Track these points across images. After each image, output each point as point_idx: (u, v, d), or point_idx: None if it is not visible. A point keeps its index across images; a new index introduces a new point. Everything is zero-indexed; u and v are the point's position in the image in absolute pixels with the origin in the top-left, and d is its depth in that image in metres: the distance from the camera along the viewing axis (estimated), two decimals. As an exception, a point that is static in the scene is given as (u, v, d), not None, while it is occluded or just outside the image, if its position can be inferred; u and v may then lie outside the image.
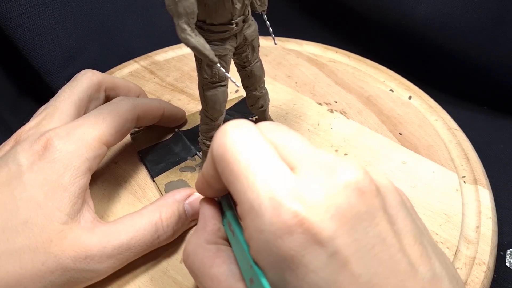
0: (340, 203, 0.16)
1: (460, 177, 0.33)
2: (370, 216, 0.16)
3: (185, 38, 0.22)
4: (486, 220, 0.30)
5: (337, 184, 0.16)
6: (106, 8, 0.47)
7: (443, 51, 0.44)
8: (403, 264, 0.16)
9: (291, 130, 0.20)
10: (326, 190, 0.16)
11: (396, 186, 0.19)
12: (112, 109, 0.28)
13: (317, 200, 0.16)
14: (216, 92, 0.27)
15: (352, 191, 0.16)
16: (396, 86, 0.41)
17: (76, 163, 0.25)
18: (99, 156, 0.26)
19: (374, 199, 0.17)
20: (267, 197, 0.16)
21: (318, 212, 0.16)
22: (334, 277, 0.15)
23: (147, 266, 0.27)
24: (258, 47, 0.29)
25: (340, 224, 0.16)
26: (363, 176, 0.17)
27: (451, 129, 0.36)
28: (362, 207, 0.16)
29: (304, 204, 0.16)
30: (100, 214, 0.30)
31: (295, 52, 0.45)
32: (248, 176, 0.17)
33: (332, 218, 0.16)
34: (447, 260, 0.19)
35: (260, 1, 0.27)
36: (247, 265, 0.18)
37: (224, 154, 0.18)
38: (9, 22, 0.40)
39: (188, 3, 0.21)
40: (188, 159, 0.34)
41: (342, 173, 0.17)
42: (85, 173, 0.25)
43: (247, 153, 0.17)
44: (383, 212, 0.17)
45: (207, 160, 0.20)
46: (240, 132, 0.18)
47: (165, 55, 0.45)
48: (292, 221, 0.16)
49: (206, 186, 0.21)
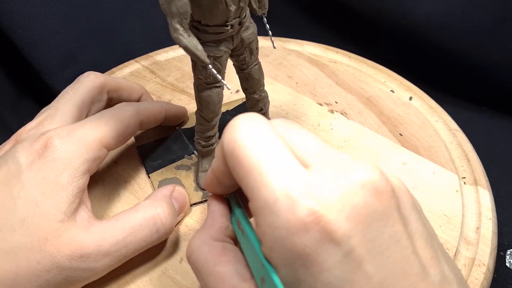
0: (356, 202, 0.16)
1: (460, 178, 0.33)
2: (386, 217, 0.16)
3: (177, 38, 0.22)
4: (486, 221, 0.30)
5: (354, 183, 0.16)
6: (106, 8, 0.47)
7: (443, 51, 0.43)
8: (416, 266, 0.16)
9: (304, 128, 0.19)
10: (342, 189, 0.16)
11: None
12: (115, 114, 0.28)
13: (333, 198, 0.16)
14: (210, 93, 0.27)
15: (368, 191, 0.16)
16: (396, 86, 0.41)
17: (76, 163, 0.25)
18: (99, 158, 0.26)
19: (390, 199, 0.17)
20: (282, 193, 0.16)
21: (334, 210, 0.16)
22: (348, 276, 0.15)
23: (146, 266, 0.27)
24: (257, 50, 0.29)
25: (356, 223, 0.16)
26: (379, 177, 0.17)
27: (451, 130, 0.36)
28: (378, 207, 0.16)
29: (320, 202, 0.16)
30: (100, 214, 0.30)
31: (296, 52, 0.45)
32: (262, 171, 0.16)
33: (348, 217, 0.16)
34: (454, 264, 0.19)
35: (260, 4, 0.27)
36: (258, 264, 0.18)
37: (236, 148, 0.17)
38: (9, 23, 0.40)
39: (181, 3, 0.21)
40: (185, 158, 0.34)
41: (358, 172, 0.16)
42: (84, 174, 0.25)
43: (259, 147, 0.17)
44: (398, 213, 0.17)
45: (217, 156, 0.20)
46: (251, 126, 0.18)
47: (166, 55, 0.45)
48: (308, 218, 0.15)
49: (215, 182, 0.21)
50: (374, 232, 0.16)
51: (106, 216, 0.30)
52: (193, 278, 0.26)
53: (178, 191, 0.29)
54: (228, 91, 0.40)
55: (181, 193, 0.29)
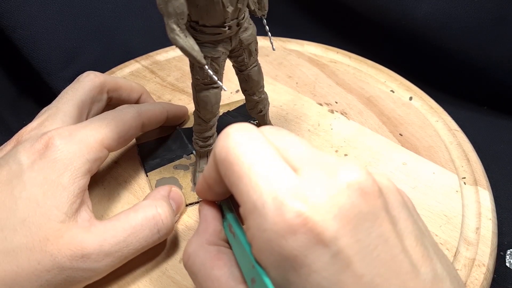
0: (343, 203, 0.16)
1: (460, 178, 0.33)
2: (373, 217, 0.16)
3: (173, 38, 0.22)
4: (486, 221, 0.30)
5: (340, 184, 0.16)
6: (106, 8, 0.47)
7: (443, 51, 0.43)
8: (405, 265, 0.16)
9: (292, 134, 0.20)
10: (329, 190, 0.16)
11: (397, 187, 0.19)
12: (116, 116, 0.28)
13: (320, 200, 0.16)
14: (208, 94, 0.27)
15: (354, 192, 0.16)
16: (397, 87, 0.41)
17: (77, 163, 0.25)
18: (100, 159, 0.27)
19: (377, 199, 0.17)
20: (270, 196, 0.16)
21: (321, 212, 0.16)
22: (337, 277, 0.16)
23: (147, 267, 0.27)
24: (256, 52, 0.29)
25: (343, 224, 0.16)
26: (365, 177, 0.17)
27: (451, 130, 0.36)
28: (364, 207, 0.16)
29: (307, 204, 0.16)
30: (100, 214, 0.30)
31: (296, 52, 0.45)
32: (251, 176, 0.17)
33: (335, 218, 0.16)
34: (448, 261, 0.19)
35: (260, 5, 0.27)
36: (249, 265, 0.18)
37: (227, 155, 0.18)
38: (9, 22, 0.40)
39: (178, 3, 0.21)
40: (183, 157, 0.34)
41: (344, 173, 0.17)
42: (85, 174, 0.25)
43: (250, 154, 0.17)
44: (386, 213, 0.17)
45: (209, 163, 0.20)
46: (242, 135, 0.18)
47: (166, 55, 0.45)
48: (295, 220, 0.16)
49: (207, 189, 0.22)
50: (362, 232, 0.16)
51: (106, 216, 0.30)
52: (193, 278, 0.27)
53: (175, 191, 0.29)
54: (228, 92, 0.40)
55: (177, 193, 0.30)
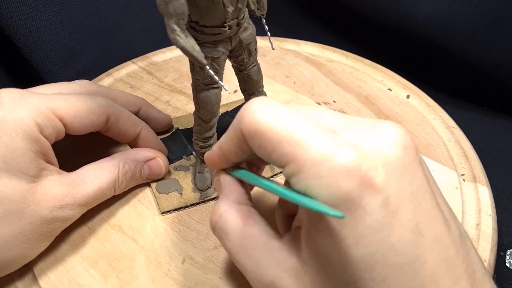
0: (389, 154, 0.17)
1: (459, 175, 0.32)
2: (413, 169, 0.18)
3: (174, 39, 0.22)
4: (486, 217, 0.30)
5: (384, 138, 0.18)
6: (106, 8, 0.47)
7: (443, 51, 0.43)
8: (440, 218, 0.18)
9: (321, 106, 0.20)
10: (375, 143, 0.17)
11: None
12: (82, 96, 0.27)
13: (369, 149, 0.17)
14: (208, 94, 0.27)
15: (397, 146, 0.18)
16: (394, 85, 0.41)
17: (26, 125, 0.24)
18: (53, 127, 0.26)
19: (415, 155, 0.18)
20: (322, 146, 0.17)
21: (372, 159, 0.17)
22: (388, 220, 0.17)
23: (149, 267, 0.27)
24: (256, 51, 0.29)
25: (389, 172, 0.17)
26: (405, 134, 0.18)
27: (449, 127, 0.36)
28: (406, 160, 0.17)
29: (359, 151, 0.17)
30: (101, 214, 0.30)
31: (293, 52, 0.45)
32: (292, 137, 0.17)
33: (384, 166, 0.17)
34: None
35: (259, 5, 0.27)
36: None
37: (258, 128, 0.18)
38: (9, 22, 0.40)
39: (179, 3, 0.21)
40: (183, 158, 0.34)
41: (387, 129, 0.18)
42: (38, 137, 0.25)
43: (284, 121, 0.18)
44: (422, 168, 0.18)
45: (229, 139, 0.21)
46: (268, 107, 0.19)
47: (163, 56, 0.45)
48: (350, 164, 0.16)
49: (222, 160, 0.22)
50: (405, 182, 0.17)
51: (106, 216, 0.30)
52: (196, 279, 0.26)
53: (156, 161, 0.30)
54: (226, 92, 0.40)
55: (158, 164, 0.30)
